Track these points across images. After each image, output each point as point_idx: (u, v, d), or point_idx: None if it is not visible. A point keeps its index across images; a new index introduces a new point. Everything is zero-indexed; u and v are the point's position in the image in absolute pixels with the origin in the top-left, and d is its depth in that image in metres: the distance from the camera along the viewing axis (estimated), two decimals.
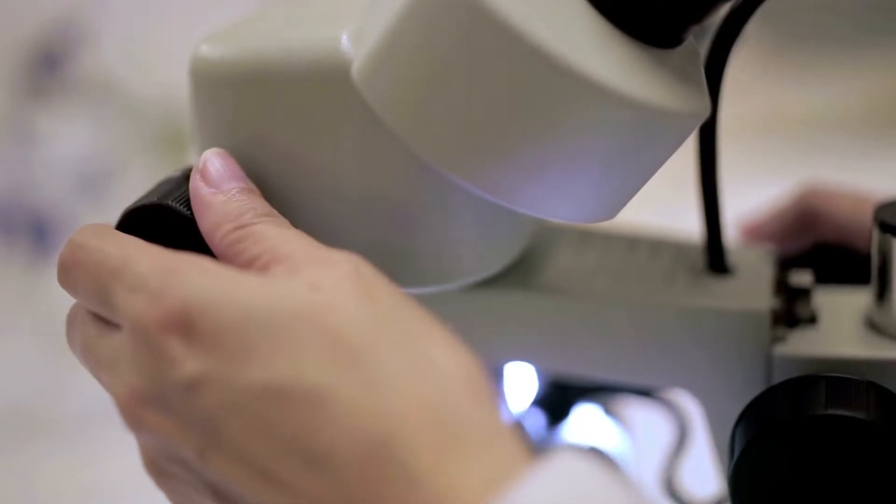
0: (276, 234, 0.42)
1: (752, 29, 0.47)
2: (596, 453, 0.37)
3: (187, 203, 0.44)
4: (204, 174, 0.44)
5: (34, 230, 1.06)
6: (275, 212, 0.43)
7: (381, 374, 0.37)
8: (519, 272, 0.50)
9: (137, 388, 0.40)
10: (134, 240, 0.42)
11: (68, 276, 0.43)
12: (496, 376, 0.55)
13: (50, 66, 1.09)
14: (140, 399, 0.40)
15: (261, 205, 0.43)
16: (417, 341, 0.39)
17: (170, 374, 0.39)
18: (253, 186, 0.44)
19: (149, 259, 0.41)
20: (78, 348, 0.43)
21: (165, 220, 0.44)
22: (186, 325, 0.39)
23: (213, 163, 0.44)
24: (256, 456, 0.37)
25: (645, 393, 0.57)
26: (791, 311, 0.50)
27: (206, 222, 0.43)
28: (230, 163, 0.45)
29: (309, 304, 0.38)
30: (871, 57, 1.33)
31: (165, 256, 0.41)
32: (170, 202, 0.44)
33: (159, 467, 0.42)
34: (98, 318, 0.43)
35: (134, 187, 0.48)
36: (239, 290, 0.39)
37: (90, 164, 1.09)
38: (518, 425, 0.38)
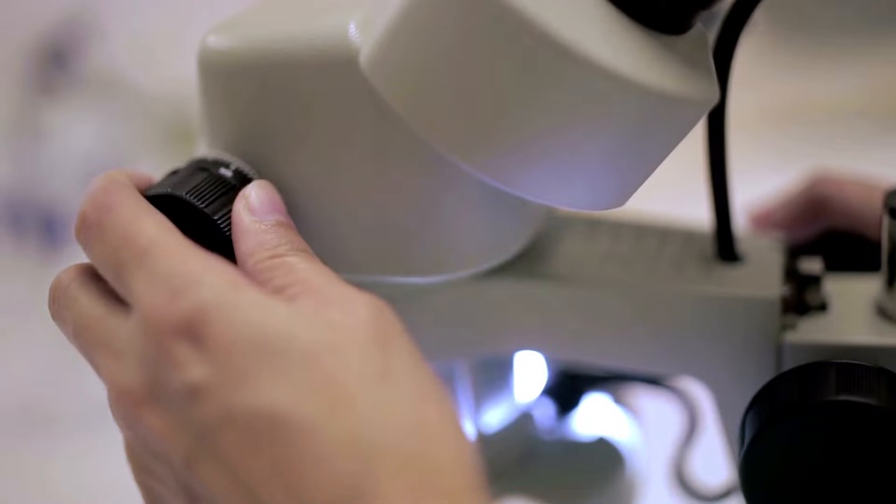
0: (308, 269, 0.42)
1: (761, 18, 0.47)
2: None
3: (209, 202, 0.44)
4: (248, 202, 0.44)
5: (43, 226, 1.06)
6: (308, 248, 0.44)
7: (370, 423, 0.37)
8: (528, 260, 0.50)
9: (139, 384, 0.40)
10: (165, 223, 0.42)
11: (86, 235, 0.43)
12: (506, 366, 0.55)
13: (58, 63, 1.10)
14: (140, 396, 0.40)
15: (297, 239, 0.44)
16: (416, 401, 0.39)
17: (173, 377, 0.39)
18: (291, 222, 0.45)
19: (177, 254, 0.41)
20: (70, 324, 0.43)
21: (198, 221, 0.44)
22: (199, 331, 0.39)
23: (258, 193, 0.45)
24: (241, 472, 0.38)
25: (655, 381, 0.57)
26: (801, 298, 0.50)
27: (242, 247, 0.43)
28: (273, 195, 0.45)
29: (320, 341, 0.39)
30: (879, 46, 1.33)
31: (195, 256, 0.41)
32: (217, 218, 0.44)
33: (141, 462, 0.42)
34: (101, 292, 0.43)
35: None
36: (259, 312, 0.39)
37: (99, 160, 1.09)
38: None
